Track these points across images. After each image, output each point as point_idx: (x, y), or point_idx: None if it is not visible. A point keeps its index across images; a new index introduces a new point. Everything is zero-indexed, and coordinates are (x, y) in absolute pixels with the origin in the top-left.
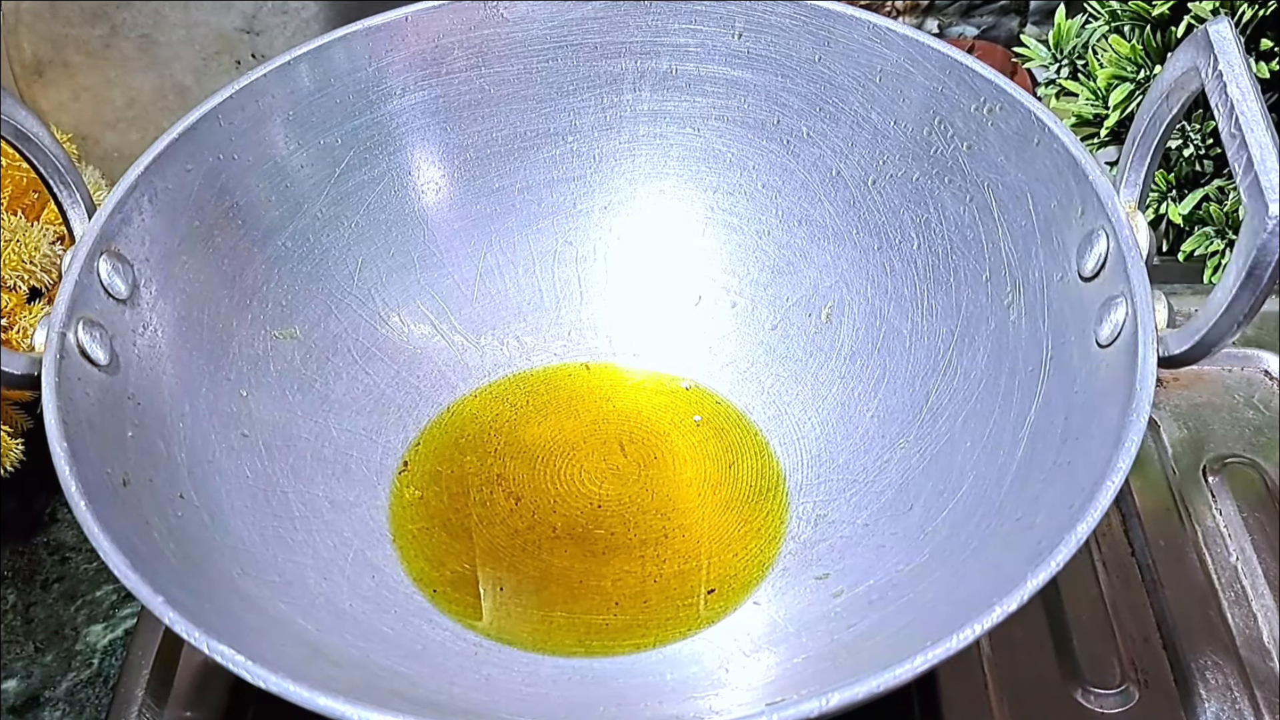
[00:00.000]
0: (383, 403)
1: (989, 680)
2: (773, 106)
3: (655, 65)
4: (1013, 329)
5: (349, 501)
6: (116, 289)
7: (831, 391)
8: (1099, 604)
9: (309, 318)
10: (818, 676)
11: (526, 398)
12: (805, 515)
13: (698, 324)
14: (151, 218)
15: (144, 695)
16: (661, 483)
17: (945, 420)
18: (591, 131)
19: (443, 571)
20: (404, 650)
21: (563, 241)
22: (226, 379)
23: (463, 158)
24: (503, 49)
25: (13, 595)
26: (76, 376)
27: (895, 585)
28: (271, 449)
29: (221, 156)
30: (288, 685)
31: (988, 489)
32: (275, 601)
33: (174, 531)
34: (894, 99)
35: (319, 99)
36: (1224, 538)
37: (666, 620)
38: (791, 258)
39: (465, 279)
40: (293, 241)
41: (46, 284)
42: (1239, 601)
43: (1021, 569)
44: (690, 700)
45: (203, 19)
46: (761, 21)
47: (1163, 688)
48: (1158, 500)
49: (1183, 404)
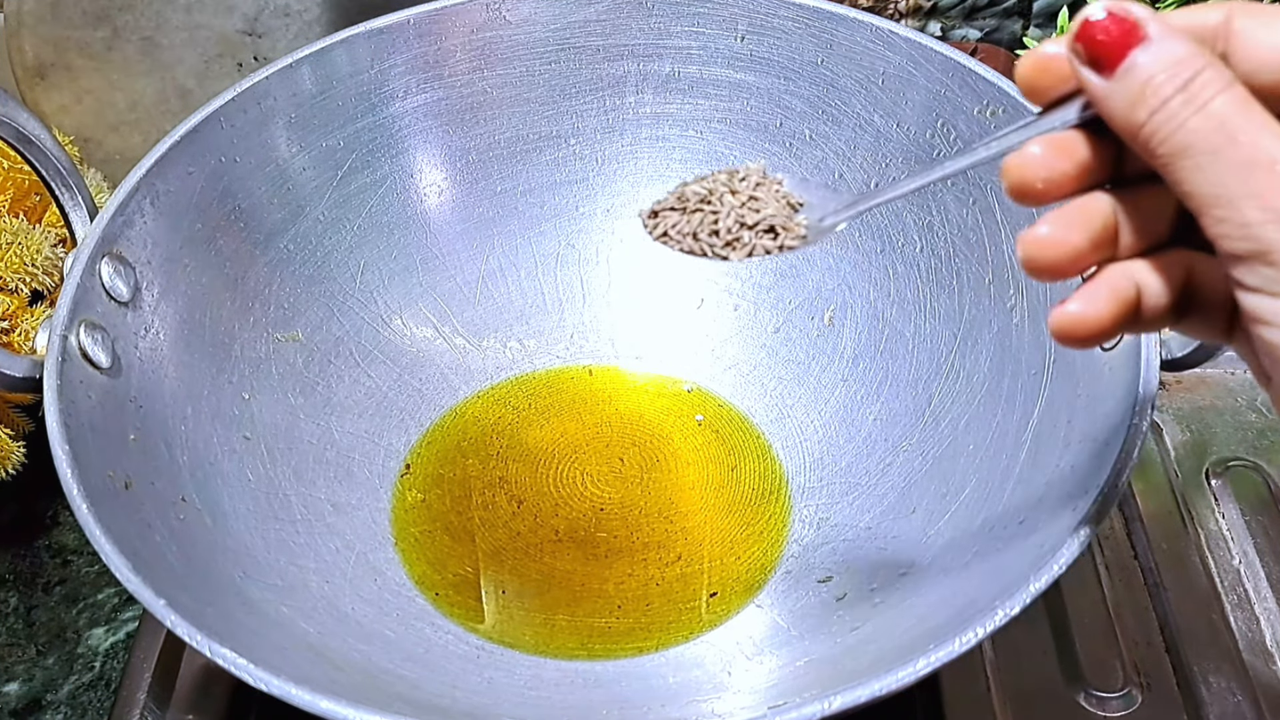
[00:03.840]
0: (385, 405)
1: (991, 683)
2: (775, 109)
3: (658, 68)
4: (1015, 332)
5: (351, 504)
6: (118, 292)
7: (834, 395)
8: (1101, 607)
9: (311, 320)
10: (820, 680)
11: (529, 400)
12: (807, 518)
13: (700, 327)
14: (153, 220)
15: (145, 698)
16: (664, 486)
17: (948, 423)
18: (594, 134)
19: (445, 574)
20: (406, 653)
21: (565, 244)
22: (229, 382)
23: (465, 160)
24: (505, 52)
25: (14, 598)
26: (78, 379)
27: (898, 588)
28: (273, 452)
29: (224, 159)
30: (290, 688)
31: (990, 492)
32: (277, 604)
33: (176, 534)
34: (896, 101)
35: (321, 101)
36: (1227, 541)
37: (669, 623)
38: (794, 261)
39: (467, 282)
40: (295, 244)
41: (48, 287)
42: (1242, 605)
43: (1024, 572)
44: (693, 703)
45: (205, 22)
46: (764, 24)
47: (1165, 691)
48: (1160, 503)
49: (1185, 407)
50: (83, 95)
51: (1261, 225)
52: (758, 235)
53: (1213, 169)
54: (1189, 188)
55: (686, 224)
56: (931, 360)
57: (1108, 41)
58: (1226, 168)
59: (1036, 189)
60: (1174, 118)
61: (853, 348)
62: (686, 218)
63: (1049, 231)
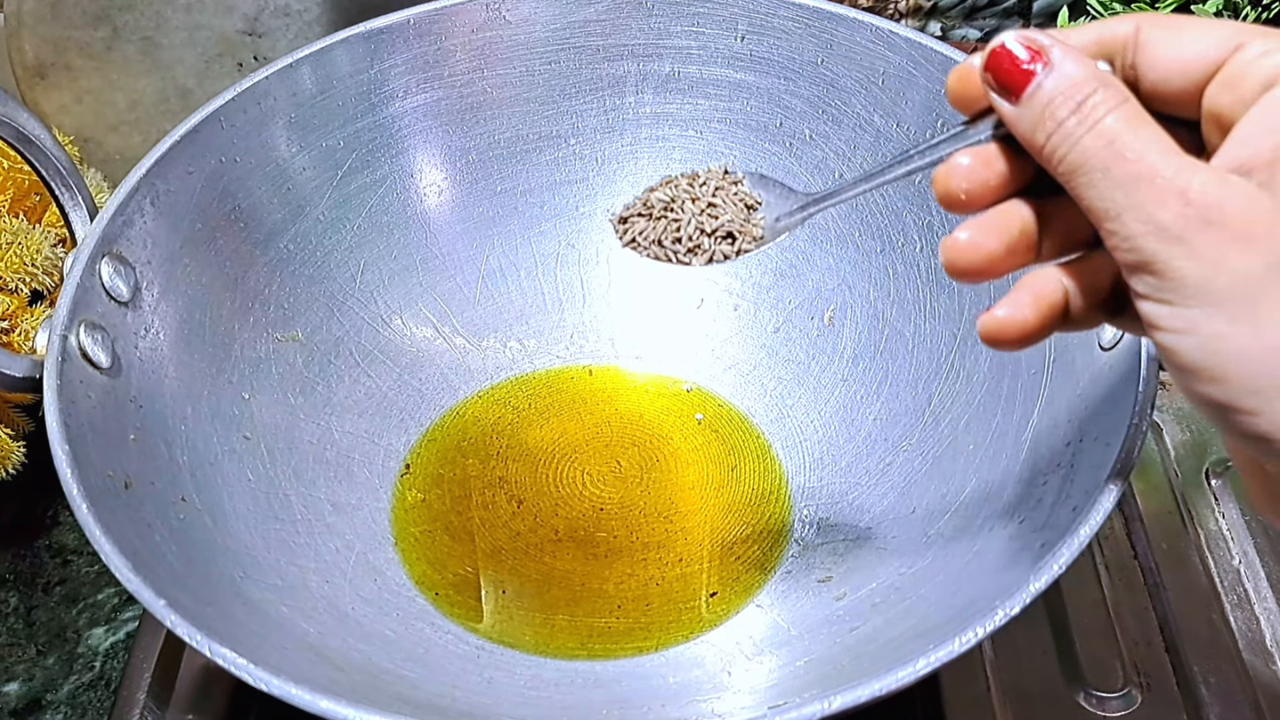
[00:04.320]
0: (385, 405)
1: (991, 683)
2: (775, 109)
3: (658, 68)
4: None
5: (351, 504)
6: (118, 291)
7: (834, 394)
8: (1101, 607)
9: (311, 320)
10: (820, 679)
11: (529, 400)
12: (807, 518)
13: (700, 327)
14: (153, 220)
15: (145, 698)
16: (664, 486)
17: (948, 423)
18: (594, 134)
19: (445, 574)
20: (406, 653)
21: (565, 244)
22: (229, 382)
23: (465, 160)
24: (505, 51)
25: (14, 598)
26: (78, 379)
27: (898, 588)
28: (273, 452)
29: (224, 159)
30: (289, 688)
31: (990, 492)
32: (277, 604)
33: (176, 534)
34: (896, 101)
35: (321, 101)
36: (1226, 541)
37: (669, 623)
38: (794, 261)
39: (467, 282)
40: (295, 244)
41: (48, 286)
42: (1241, 604)
43: (1024, 572)
44: (693, 703)
45: (205, 21)
46: (764, 24)
47: (1165, 691)
48: (1160, 503)
49: (1186, 407)
50: (83, 95)
51: (1143, 237)
52: (716, 241)
53: (1103, 184)
54: (1085, 202)
55: (652, 231)
56: (931, 360)
57: (1013, 71)
58: (1114, 183)
59: (960, 199)
60: (1069, 137)
61: (853, 348)
62: (652, 224)
63: (968, 237)
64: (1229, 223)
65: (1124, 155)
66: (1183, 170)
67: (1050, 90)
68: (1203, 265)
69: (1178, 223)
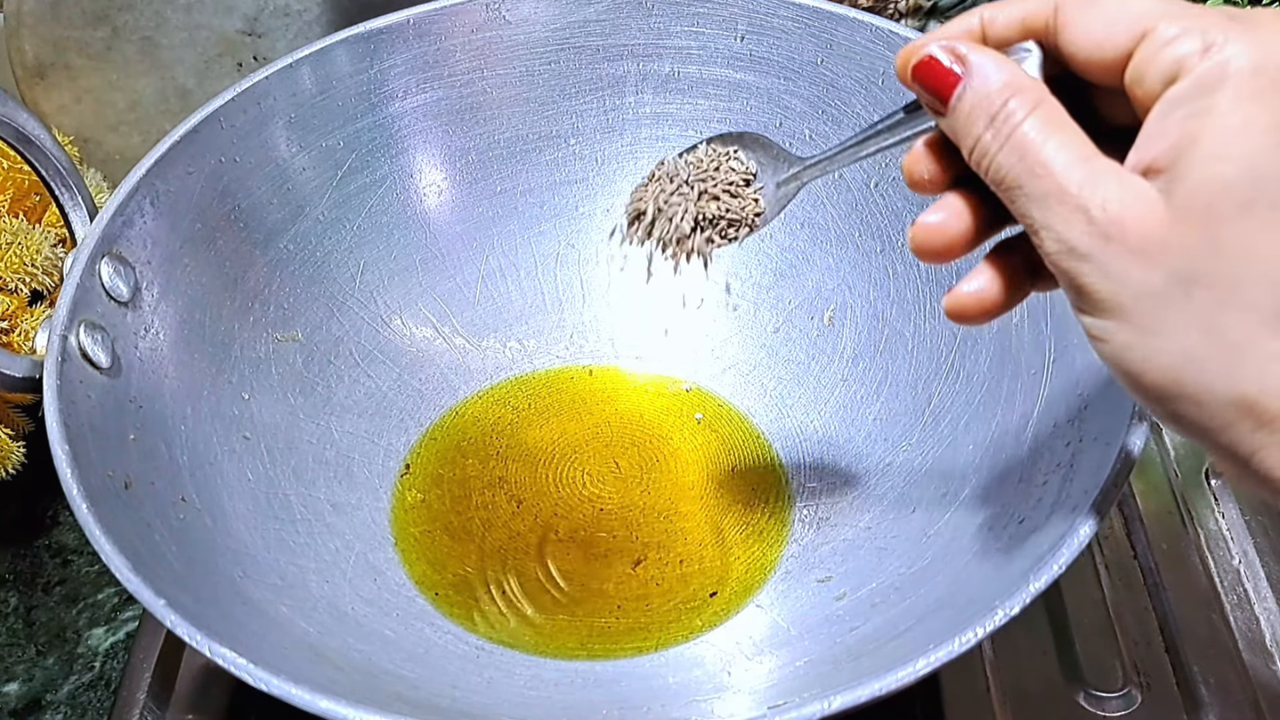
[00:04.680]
0: (384, 405)
1: (991, 683)
2: (775, 109)
3: (657, 68)
4: (1015, 332)
5: (351, 504)
6: (118, 291)
7: (834, 394)
8: (1101, 607)
9: (311, 320)
10: (820, 679)
11: (529, 401)
12: (807, 518)
13: (700, 327)
14: (153, 220)
15: (145, 698)
16: (664, 486)
17: (948, 423)
18: (594, 134)
19: (444, 574)
20: (406, 653)
21: (565, 244)
22: (228, 382)
23: (464, 160)
24: (505, 51)
25: (14, 598)
26: (78, 379)
27: (898, 588)
28: (273, 452)
29: (223, 159)
30: (289, 688)
31: (990, 491)
32: (277, 604)
33: (176, 534)
34: (896, 101)
35: (321, 101)
36: (1226, 541)
37: (668, 623)
38: (794, 260)
39: (467, 282)
40: (295, 244)
41: (48, 287)
42: (1241, 604)
43: (1024, 572)
44: (692, 703)
45: (204, 21)
46: (764, 24)
47: (1165, 691)
48: (1160, 503)
49: None
50: (82, 95)
51: (1058, 255)
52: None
53: (1022, 200)
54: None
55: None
56: (931, 360)
57: (936, 83)
58: (1029, 200)
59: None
60: (986, 152)
61: (852, 348)
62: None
63: (938, 219)
64: (1128, 238)
65: (1035, 171)
66: (1087, 183)
67: (968, 101)
68: (1109, 281)
69: (1083, 241)
